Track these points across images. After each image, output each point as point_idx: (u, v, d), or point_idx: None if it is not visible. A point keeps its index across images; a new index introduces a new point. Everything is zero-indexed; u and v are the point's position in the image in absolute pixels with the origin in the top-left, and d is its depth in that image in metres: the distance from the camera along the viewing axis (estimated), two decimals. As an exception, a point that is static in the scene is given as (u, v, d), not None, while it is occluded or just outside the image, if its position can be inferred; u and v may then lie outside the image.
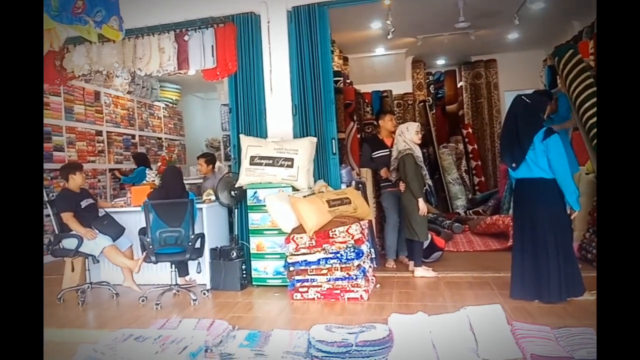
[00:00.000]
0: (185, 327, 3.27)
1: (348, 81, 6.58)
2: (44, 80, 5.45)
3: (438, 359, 2.64)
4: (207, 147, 9.89)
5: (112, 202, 5.38)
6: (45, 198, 6.28)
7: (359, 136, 6.10)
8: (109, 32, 3.11)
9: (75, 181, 4.65)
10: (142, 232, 4.32)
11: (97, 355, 2.83)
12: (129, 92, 8.94)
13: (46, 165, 6.79)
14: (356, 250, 3.89)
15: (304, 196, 4.21)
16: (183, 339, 2.92)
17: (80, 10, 2.94)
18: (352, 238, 3.93)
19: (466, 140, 8.95)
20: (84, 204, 4.57)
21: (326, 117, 4.72)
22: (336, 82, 5.31)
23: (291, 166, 4.36)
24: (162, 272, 4.84)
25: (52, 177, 6.90)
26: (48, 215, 4.62)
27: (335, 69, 5.56)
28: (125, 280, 4.64)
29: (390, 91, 7.98)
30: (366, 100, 7.05)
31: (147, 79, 9.20)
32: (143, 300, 4.25)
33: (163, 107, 10.22)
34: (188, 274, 4.64)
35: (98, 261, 4.56)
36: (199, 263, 4.46)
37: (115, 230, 4.55)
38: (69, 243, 4.37)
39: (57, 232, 4.51)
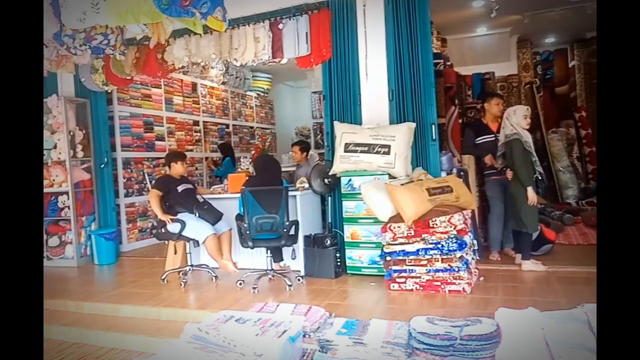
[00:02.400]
0: (282, 311, 3.40)
1: (448, 63, 6.39)
2: (148, 72, 5.91)
3: (552, 358, 2.51)
4: (296, 135, 10.15)
5: (211, 189, 5.73)
6: (148, 185, 6.90)
7: (460, 121, 5.91)
8: (214, 23, 3.26)
9: (176, 169, 5.02)
10: (239, 218, 4.56)
11: (201, 334, 3.03)
12: (223, 83, 9.42)
13: (149, 154, 7.42)
14: (459, 241, 3.81)
15: (402, 184, 4.18)
16: (282, 323, 3.03)
17: (187, 3, 3.10)
18: (454, 228, 3.84)
19: (579, 124, 8.36)
20: (180, 188, 4.92)
21: (425, 102, 4.63)
22: (436, 64, 5.18)
23: (388, 153, 4.34)
24: (257, 258, 5.09)
25: (154, 165, 7.50)
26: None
27: (435, 51, 5.42)
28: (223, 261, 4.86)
29: (493, 73, 7.63)
30: (468, 84, 6.82)
31: (240, 70, 9.63)
32: (240, 284, 4.50)
33: (255, 97, 10.64)
34: (282, 259, 4.82)
35: (198, 245, 4.88)
36: (293, 250, 4.62)
37: (214, 216, 4.85)
38: (173, 227, 4.72)
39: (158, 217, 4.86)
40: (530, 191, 4.30)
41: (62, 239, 6.18)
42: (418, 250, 3.92)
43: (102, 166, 6.49)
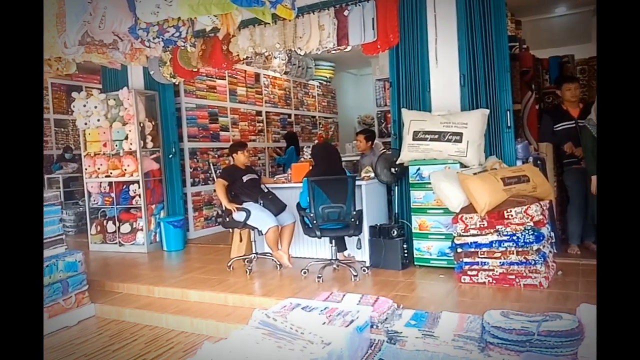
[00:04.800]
0: (349, 301, 3.44)
1: (524, 46, 6.16)
2: (213, 64, 6.12)
3: None
4: (359, 124, 10.17)
5: (274, 179, 5.87)
6: (213, 174, 7.19)
7: (537, 107, 5.69)
8: (283, 12, 3.31)
9: (239, 158, 5.18)
10: (299, 208, 4.66)
11: (269, 320, 3.13)
12: (285, 73, 9.58)
13: (213, 144, 7.71)
14: (536, 233, 3.69)
15: (475, 173, 4.09)
16: (349, 313, 3.08)
17: (258, -8, 3.17)
18: (530, 220, 3.73)
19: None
20: (245, 178, 5.07)
21: (500, 87, 4.49)
22: (510, 48, 5.00)
23: (460, 141, 4.26)
24: (321, 247, 5.17)
25: (219, 155, 7.79)
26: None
27: (509, 33, 5.23)
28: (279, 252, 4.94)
29: (572, 56, 7.24)
30: (545, 67, 6.53)
31: (303, 59, 9.75)
32: (305, 273, 4.59)
33: (317, 86, 10.74)
34: (346, 249, 4.87)
35: (262, 234, 5.02)
36: (358, 240, 4.65)
37: (278, 206, 4.97)
38: (238, 216, 4.89)
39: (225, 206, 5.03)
40: (594, 180, 4.09)
41: (134, 226, 6.57)
42: (491, 242, 3.85)
43: (170, 156, 6.81)
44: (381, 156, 4.92)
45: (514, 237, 3.76)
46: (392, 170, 4.78)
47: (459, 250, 4.01)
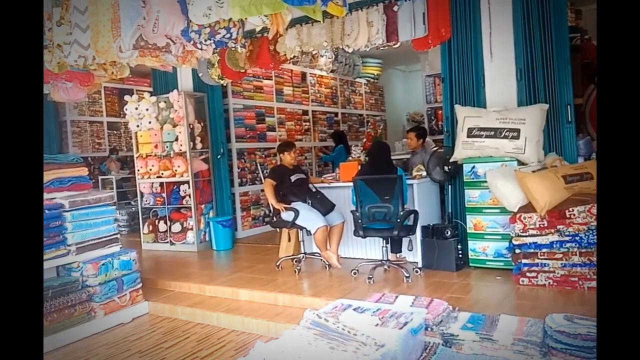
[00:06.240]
0: (402, 303, 3.42)
1: (586, 37, 5.93)
2: (261, 64, 6.21)
3: None
4: (408, 121, 10.06)
5: (322, 178, 5.90)
6: (260, 174, 7.31)
7: (601, 101, 5.46)
8: (334, 9, 3.30)
9: (286, 158, 5.25)
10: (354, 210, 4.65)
11: (321, 321, 3.15)
12: (332, 71, 9.61)
13: (260, 145, 7.84)
14: (601, 234, 3.55)
15: (533, 171, 3.98)
16: (403, 315, 3.06)
17: (309, -10, 3.18)
18: (594, 219, 3.59)
19: None
20: (293, 178, 5.13)
21: (559, 81, 4.35)
22: (571, 39, 4.83)
23: (517, 137, 4.16)
24: (370, 247, 5.16)
25: (266, 155, 7.91)
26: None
27: (570, 24, 5.05)
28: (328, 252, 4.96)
29: (638, 46, 6.93)
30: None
31: (350, 56, 9.75)
32: (355, 273, 4.60)
33: (364, 83, 10.71)
34: (400, 251, 4.83)
35: (311, 234, 5.06)
36: (410, 241, 4.61)
37: (326, 206, 4.99)
38: (287, 215, 4.94)
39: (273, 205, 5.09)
40: None
41: (184, 226, 6.77)
42: (552, 242, 3.76)
43: (219, 157, 6.97)
44: (433, 154, 4.86)
45: (577, 238, 3.66)
46: (445, 168, 4.71)
47: (517, 251, 3.93)
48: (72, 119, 9.03)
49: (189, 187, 6.63)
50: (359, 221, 4.43)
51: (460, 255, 4.55)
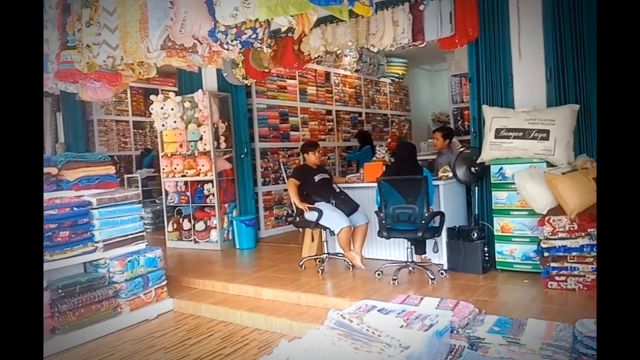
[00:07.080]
0: (427, 305, 3.41)
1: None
2: (285, 64, 6.24)
3: None
4: (433, 121, 9.98)
5: (346, 178, 5.91)
6: (284, 174, 7.36)
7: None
8: (361, 9, 3.30)
9: (310, 158, 5.27)
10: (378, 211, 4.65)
11: (345, 321, 3.16)
12: (356, 71, 9.60)
13: (283, 144, 7.88)
14: (633, 238, 3.48)
15: (563, 173, 3.93)
16: (428, 317, 3.05)
17: (336, -10, 3.18)
18: (627, 223, 3.52)
19: None
20: (317, 177, 5.15)
21: (591, 80, 4.28)
22: (604, 37, 4.74)
23: (546, 138, 4.11)
24: (394, 249, 5.15)
25: (289, 155, 7.95)
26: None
27: (602, 21, 4.95)
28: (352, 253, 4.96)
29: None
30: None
31: (374, 56, 9.72)
32: (379, 274, 4.59)
33: (389, 83, 10.67)
34: (425, 252, 4.81)
35: (334, 234, 5.07)
36: (435, 242, 4.59)
37: (350, 206, 5.00)
38: (310, 215, 4.97)
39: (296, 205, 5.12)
40: None
41: (207, 224, 6.86)
42: (582, 246, 3.71)
43: (242, 156, 7.04)
44: (460, 155, 4.82)
45: (609, 242, 3.57)
46: (472, 169, 4.67)
47: (546, 254, 3.88)
48: (99, 118, 9.21)
49: (212, 186, 6.72)
50: (383, 222, 4.43)
51: (487, 258, 4.50)
